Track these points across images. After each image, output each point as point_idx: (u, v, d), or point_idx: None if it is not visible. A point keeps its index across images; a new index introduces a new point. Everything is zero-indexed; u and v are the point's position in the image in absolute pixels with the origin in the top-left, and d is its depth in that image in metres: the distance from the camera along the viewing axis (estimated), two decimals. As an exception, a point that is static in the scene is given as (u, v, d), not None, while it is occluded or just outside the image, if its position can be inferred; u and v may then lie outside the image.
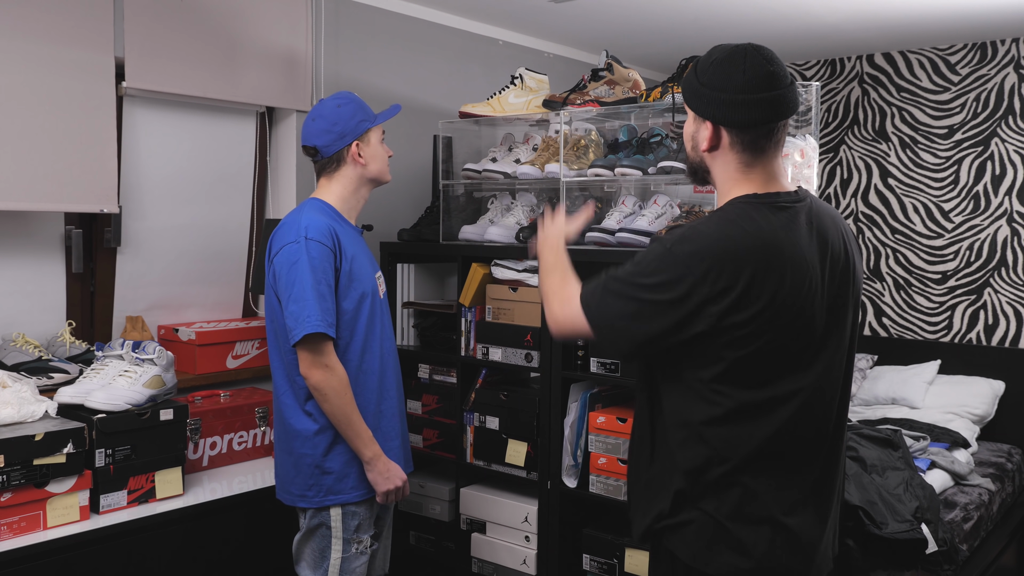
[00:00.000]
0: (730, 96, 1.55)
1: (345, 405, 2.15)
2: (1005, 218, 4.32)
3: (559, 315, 1.69)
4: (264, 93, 3.07)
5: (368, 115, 2.31)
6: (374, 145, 2.31)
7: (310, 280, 2.12)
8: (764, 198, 1.60)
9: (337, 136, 2.27)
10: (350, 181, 2.31)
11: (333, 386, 2.13)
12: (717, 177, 1.67)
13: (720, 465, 1.58)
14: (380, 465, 2.21)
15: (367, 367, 2.25)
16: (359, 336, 2.23)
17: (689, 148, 1.70)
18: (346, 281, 2.20)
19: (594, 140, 2.85)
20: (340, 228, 2.24)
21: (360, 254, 2.28)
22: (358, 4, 3.38)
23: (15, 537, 2.09)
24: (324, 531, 2.23)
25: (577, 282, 1.72)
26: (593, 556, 2.74)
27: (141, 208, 2.86)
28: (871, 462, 3.20)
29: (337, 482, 2.21)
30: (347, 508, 2.22)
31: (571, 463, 2.76)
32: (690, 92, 1.64)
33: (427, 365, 3.14)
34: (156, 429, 2.36)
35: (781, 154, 1.65)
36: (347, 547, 2.23)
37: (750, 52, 1.57)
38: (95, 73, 2.61)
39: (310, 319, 2.10)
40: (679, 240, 1.55)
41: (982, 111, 4.36)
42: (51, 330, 2.69)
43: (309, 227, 2.16)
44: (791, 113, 1.59)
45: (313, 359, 2.12)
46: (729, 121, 1.58)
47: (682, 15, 3.75)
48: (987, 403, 4.15)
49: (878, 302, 4.69)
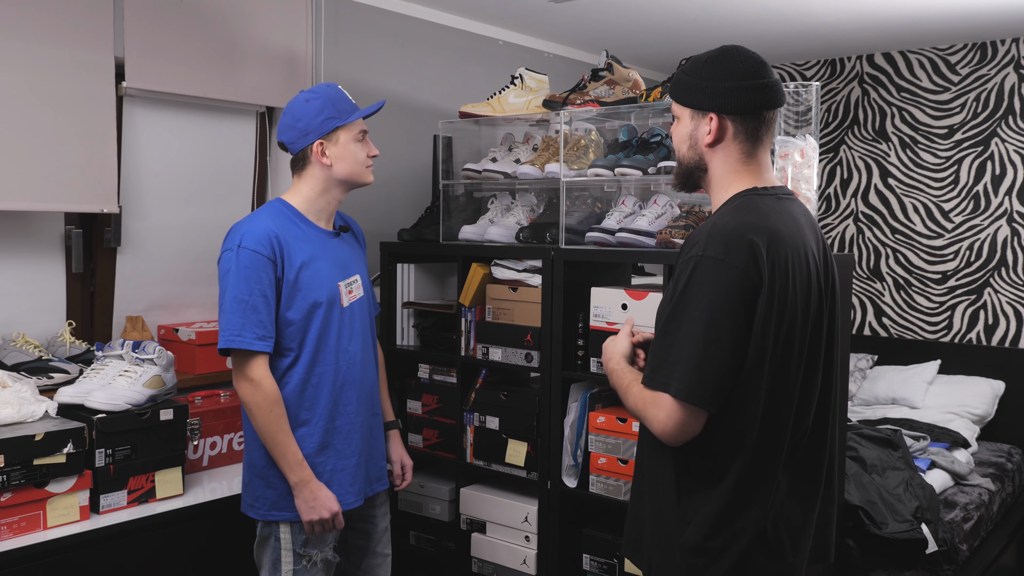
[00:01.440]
0: (733, 84, 1.60)
1: (271, 423, 2.04)
2: (1005, 218, 4.32)
3: (659, 419, 1.56)
4: (264, 93, 3.07)
5: (339, 111, 2.15)
6: (343, 145, 2.16)
7: (233, 292, 2.03)
8: (764, 191, 1.64)
9: (300, 133, 2.15)
10: (317, 182, 2.18)
11: (257, 402, 2.04)
12: (715, 172, 1.67)
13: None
14: (306, 492, 2.07)
15: (317, 380, 2.13)
16: (308, 348, 2.11)
17: (685, 149, 1.70)
18: (289, 291, 2.09)
19: (594, 140, 2.85)
20: (293, 233, 2.12)
21: (321, 259, 2.15)
22: (358, 4, 3.38)
23: (15, 537, 2.09)
24: (274, 543, 2.15)
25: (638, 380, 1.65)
26: (593, 556, 2.74)
27: (141, 208, 2.86)
28: (871, 462, 3.20)
29: (280, 499, 2.12)
30: (295, 523, 2.13)
31: (571, 463, 2.76)
32: (687, 91, 1.66)
33: (427, 365, 3.14)
34: (156, 429, 2.36)
35: (771, 148, 1.69)
36: (297, 560, 2.13)
37: (739, 47, 1.65)
38: (95, 73, 2.61)
39: (226, 331, 2.02)
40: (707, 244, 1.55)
41: (982, 111, 4.36)
42: (51, 330, 2.69)
43: (246, 234, 2.06)
44: (783, 101, 1.66)
45: (238, 372, 2.05)
46: (733, 108, 1.61)
47: (682, 15, 3.75)
48: (987, 403, 4.15)
49: (878, 302, 4.69)
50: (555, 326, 2.73)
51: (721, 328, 1.51)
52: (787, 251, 1.55)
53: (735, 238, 1.52)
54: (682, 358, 1.52)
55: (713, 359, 1.51)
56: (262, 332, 2.04)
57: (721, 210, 1.63)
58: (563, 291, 2.71)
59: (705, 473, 1.59)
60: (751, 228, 1.54)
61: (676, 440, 1.56)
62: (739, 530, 1.57)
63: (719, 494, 1.58)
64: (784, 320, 1.55)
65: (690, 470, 1.60)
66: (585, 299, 2.71)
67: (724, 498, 1.57)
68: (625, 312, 2.58)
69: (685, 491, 1.61)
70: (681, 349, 1.52)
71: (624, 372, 1.72)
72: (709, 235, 1.55)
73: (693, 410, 1.52)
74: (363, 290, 2.27)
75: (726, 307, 1.51)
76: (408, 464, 2.47)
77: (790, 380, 1.58)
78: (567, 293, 2.72)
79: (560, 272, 2.71)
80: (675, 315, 1.54)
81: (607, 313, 2.62)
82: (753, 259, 1.51)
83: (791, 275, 1.55)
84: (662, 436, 1.56)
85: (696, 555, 1.59)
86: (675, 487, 1.62)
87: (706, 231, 1.56)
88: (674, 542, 1.61)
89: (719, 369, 1.51)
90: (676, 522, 1.61)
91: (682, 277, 1.55)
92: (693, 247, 1.56)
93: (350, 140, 2.17)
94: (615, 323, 2.60)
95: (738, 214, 1.58)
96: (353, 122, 2.18)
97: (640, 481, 1.75)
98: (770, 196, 1.63)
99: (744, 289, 1.51)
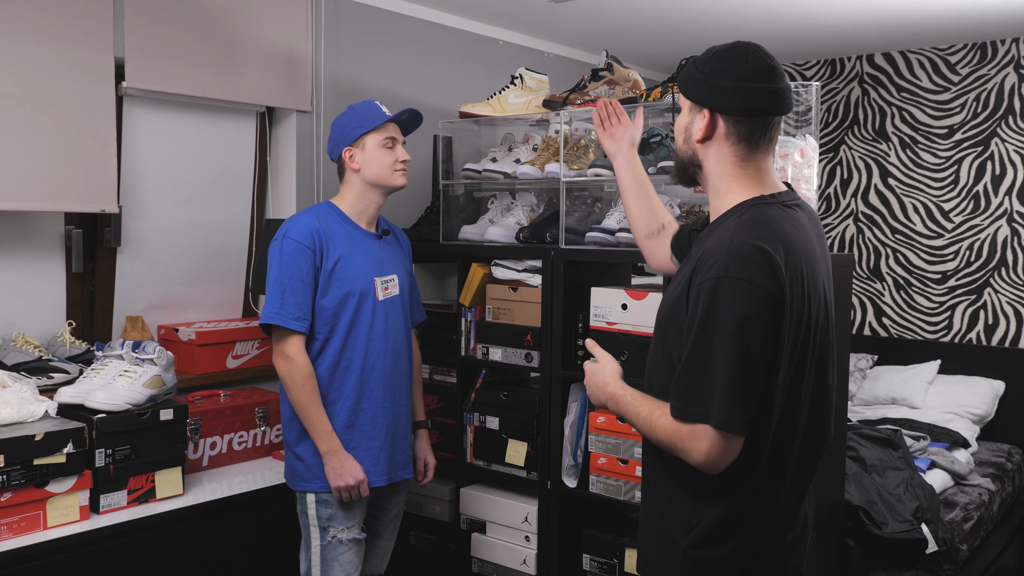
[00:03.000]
0: (731, 83, 1.55)
1: (303, 397, 2.25)
2: (1005, 218, 4.32)
3: (700, 451, 1.48)
4: (264, 93, 3.07)
5: (365, 120, 2.36)
6: (370, 150, 2.36)
7: (276, 275, 2.26)
8: (771, 200, 1.59)
9: (334, 143, 2.40)
10: (353, 186, 2.40)
11: (292, 376, 2.25)
12: (710, 172, 1.63)
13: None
14: (334, 460, 2.27)
15: (346, 363, 2.33)
16: (339, 333, 2.31)
17: (681, 141, 1.66)
18: (326, 280, 2.30)
19: (594, 140, 2.85)
20: (335, 229, 2.34)
21: (359, 255, 2.35)
22: (358, 4, 3.38)
23: (15, 537, 2.09)
24: (304, 517, 2.34)
25: (660, 409, 1.55)
26: (593, 556, 2.74)
27: (141, 208, 2.86)
28: (871, 462, 3.20)
29: (307, 470, 2.32)
30: (320, 496, 2.31)
31: (571, 463, 2.76)
32: (689, 82, 1.62)
33: (427, 365, 3.14)
34: (156, 429, 2.36)
35: (773, 154, 1.63)
36: (323, 535, 2.31)
37: (752, 45, 1.58)
38: (95, 73, 2.61)
39: (267, 309, 2.25)
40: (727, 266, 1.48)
41: (982, 111, 4.36)
42: (51, 330, 2.69)
43: (291, 227, 2.30)
44: (788, 110, 1.59)
45: (277, 348, 2.27)
46: (728, 108, 1.56)
47: (682, 15, 3.75)
48: (987, 403, 4.15)
49: (878, 302, 4.69)
50: (555, 326, 2.73)
51: (753, 351, 1.45)
52: (801, 263, 1.51)
53: (756, 255, 1.46)
54: (718, 386, 1.45)
55: (749, 384, 1.45)
56: (298, 313, 2.25)
57: (730, 223, 1.55)
58: (563, 291, 2.71)
59: (717, 484, 1.55)
60: (768, 243, 1.48)
61: (717, 468, 1.49)
62: (743, 542, 1.56)
63: (727, 504, 1.55)
64: (800, 333, 1.51)
65: (701, 478, 1.56)
66: (585, 299, 2.71)
67: (731, 507, 1.55)
68: (625, 312, 2.58)
69: (693, 496, 1.58)
70: (715, 376, 1.45)
71: (635, 399, 1.62)
72: (728, 254, 1.47)
73: (736, 438, 1.47)
74: (399, 289, 2.45)
75: (756, 328, 1.45)
76: (431, 463, 2.61)
77: (803, 391, 1.55)
78: (567, 293, 2.72)
79: (560, 272, 2.71)
80: (702, 341, 1.47)
81: (607, 313, 2.63)
82: (775, 276, 1.46)
83: (806, 288, 1.51)
84: (704, 466, 1.49)
85: (696, 561, 1.57)
86: (682, 490, 1.59)
87: (724, 249, 1.48)
88: (677, 545, 1.59)
89: (756, 393, 1.47)
90: (680, 525, 1.59)
91: (701, 299, 1.47)
92: (711, 267, 1.48)
93: (376, 146, 2.36)
94: (615, 323, 2.60)
95: (752, 228, 1.51)
96: (378, 129, 2.36)
97: (645, 485, 1.73)
98: (777, 205, 1.58)
99: (770, 307, 1.46)
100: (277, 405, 2.89)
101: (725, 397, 1.44)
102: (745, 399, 1.45)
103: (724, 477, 1.53)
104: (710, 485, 1.55)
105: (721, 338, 1.44)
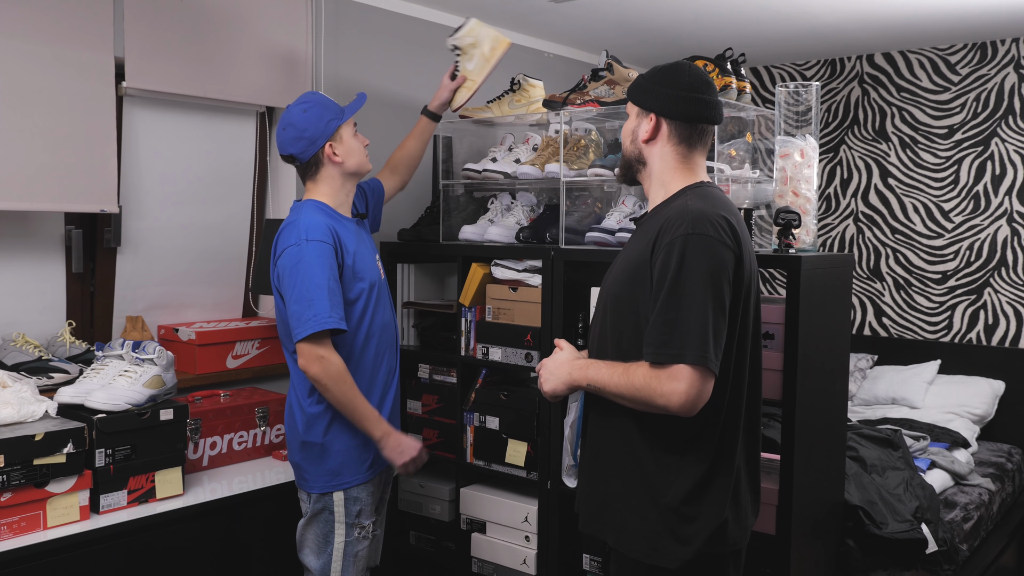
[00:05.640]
0: (676, 92, 1.81)
1: (345, 392, 2.21)
2: (1005, 218, 4.32)
3: (678, 391, 1.62)
4: (264, 93, 3.07)
5: (335, 112, 2.34)
6: (347, 141, 2.35)
7: (315, 279, 2.17)
8: (710, 184, 1.85)
9: (309, 142, 2.31)
10: (334, 179, 2.36)
11: (331, 375, 2.19)
12: (654, 168, 1.86)
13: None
14: (391, 441, 2.28)
15: (360, 350, 2.32)
16: (359, 323, 2.31)
17: (628, 143, 1.90)
18: (349, 275, 2.28)
19: (594, 140, 2.85)
20: (339, 225, 2.31)
21: (361, 245, 2.37)
22: (358, 4, 3.38)
23: (15, 537, 2.09)
24: (327, 516, 2.29)
25: (635, 364, 1.70)
26: (593, 556, 2.74)
27: (141, 208, 2.86)
28: (871, 462, 3.20)
29: (339, 466, 2.28)
30: (349, 493, 2.29)
31: (571, 463, 2.75)
32: (639, 91, 1.88)
33: (427, 365, 3.14)
34: (156, 429, 2.36)
35: (705, 156, 1.89)
36: (350, 531, 2.29)
37: (693, 64, 1.86)
38: (95, 73, 2.61)
39: (319, 315, 2.15)
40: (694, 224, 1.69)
41: (982, 111, 4.36)
42: (51, 330, 2.69)
43: (309, 229, 2.22)
44: (719, 120, 1.86)
45: (311, 353, 2.18)
46: (670, 112, 1.82)
47: (682, 15, 3.75)
48: (987, 403, 4.15)
49: (878, 302, 4.69)
50: (555, 326, 2.73)
51: (721, 296, 1.64)
52: (743, 231, 1.75)
53: (715, 217, 1.69)
54: (691, 328, 1.61)
55: (719, 325, 1.64)
56: (340, 313, 2.21)
57: (683, 199, 1.76)
58: (563, 291, 2.71)
59: (691, 435, 1.71)
60: (723, 209, 1.73)
61: (694, 409, 1.63)
62: (716, 498, 1.71)
63: (698, 456, 1.72)
64: (746, 294, 1.73)
65: (674, 433, 1.71)
66: (585, 299, 2.71)
67: (701, 458, 1.72)
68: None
69: (667, 452, 1.72)
70: (687, 320, 1.61)
71: (601, 365, 1.77)
72: (692, 216, 1.68)
73: (709, 375, 1.62)
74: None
75: (723, 276, 1.65)
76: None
77: (746, 351, 1.76)
78: (567, 293, 2.72)
79: (560, 272, 2.71)
80: (673, 291, 1.64)
81: (607, 313, 2.62)
82: (733, 235, 1.69)
83: (747, 253, 1.74)
84: (682, 408, 1.62)
85: (681, 514, 1.71)
86: (657, 450, 1.74)
87: (687, 214, 1.69)
88: (659, 503, 1.72)
89: (724, 335, 1.65)
90: (661, 483, 1.72)
91: (673, 254, 1.66)
92: (677, 227, 1.68)
93: (350, 135, 2.37)
94: (615, 323, 2.60)
95: (706, 200, 1.74)
96: (348, 119, 2.37)
97: (595, 457, 1.85)
98: (716, 188, 1.86)
99: (731, 261, 1.67)
100: (277, 405, 2.89)
101: (700, 336, 1.60)
102: (717, 339, 1.62)
103: (694, 428, 1.70)
104: (683, 437, 1.71)
105: (692, 287, 1.62)
